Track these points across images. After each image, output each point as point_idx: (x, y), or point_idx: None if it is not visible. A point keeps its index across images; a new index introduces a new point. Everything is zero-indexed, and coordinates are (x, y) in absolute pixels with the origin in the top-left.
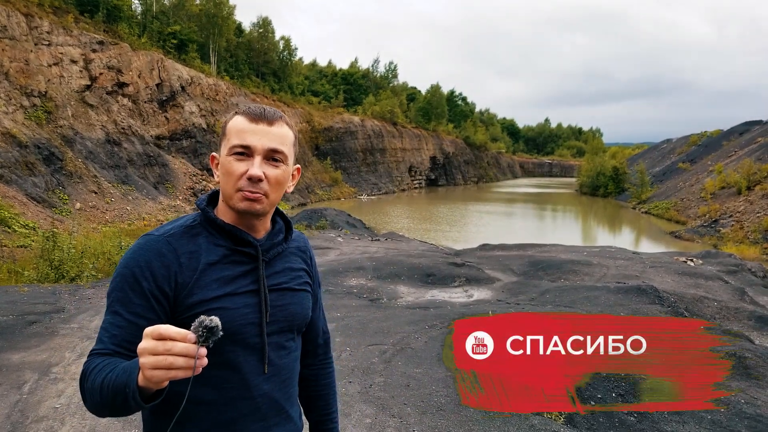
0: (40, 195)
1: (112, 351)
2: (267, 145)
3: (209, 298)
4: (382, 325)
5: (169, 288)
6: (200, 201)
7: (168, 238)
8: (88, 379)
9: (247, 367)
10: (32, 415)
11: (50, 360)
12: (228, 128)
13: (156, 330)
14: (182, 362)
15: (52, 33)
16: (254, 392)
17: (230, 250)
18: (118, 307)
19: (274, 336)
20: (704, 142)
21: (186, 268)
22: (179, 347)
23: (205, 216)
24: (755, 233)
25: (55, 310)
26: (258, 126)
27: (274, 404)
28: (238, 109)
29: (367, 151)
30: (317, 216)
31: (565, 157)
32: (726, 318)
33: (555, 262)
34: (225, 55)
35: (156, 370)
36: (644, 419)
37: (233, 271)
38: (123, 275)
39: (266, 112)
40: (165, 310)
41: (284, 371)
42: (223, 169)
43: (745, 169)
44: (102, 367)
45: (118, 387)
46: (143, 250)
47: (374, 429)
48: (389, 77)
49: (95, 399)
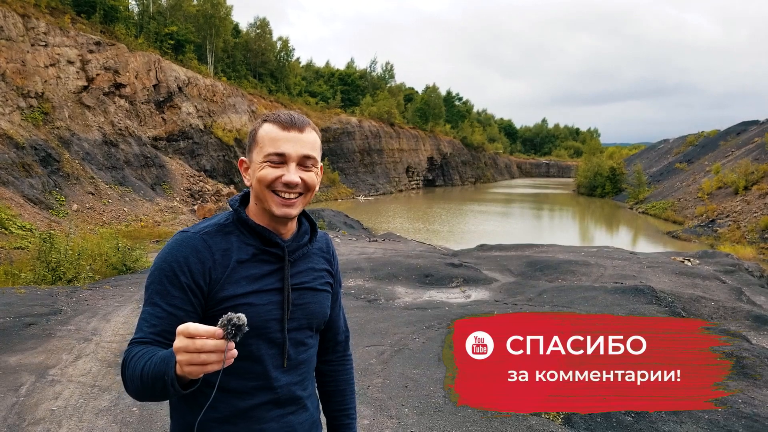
0: (36, 196)
1: (151, 340)
2: (300, 152)
3: (238, 294)
4: (379, 325)
5: (204, 282)
6: (233, 201)
7: (203, 236)
8: (129, 366)
9: (269, 360)
10: (29, 417)
11: (47, 362)
12: (259, 136)
13: (186, 329)
14: (214, 357)
15: (48, 34)
16: (274, 383)
17: (259, 250)
18: (157, 299)
19: (294, 332)
20: (701, 143)
21: (219, 265)
22: (210, 345)
23: (238, 216)
24: (752, 233)
25: (52, 312)
26: (290, 134)
27: (292, 395)
28: (267, 117)
29: (364, 152)
30: (315, 217)
31: (562, 157)
32: (723, 318)
33: (552, 263)
34: (222, 56)
35: (191, 366)
36: (642, 419)
37: (261, 269)
38: (162, 269)
39: (296, 120)
40: (200, 302)
41: (302, 366)
42: (257, 175)
43: (742, 169)
44: (141, 355)
45: (157, 375)
46: (181, 246)
47: (372, 430)
48: (386, 78)
49: (136, 385)
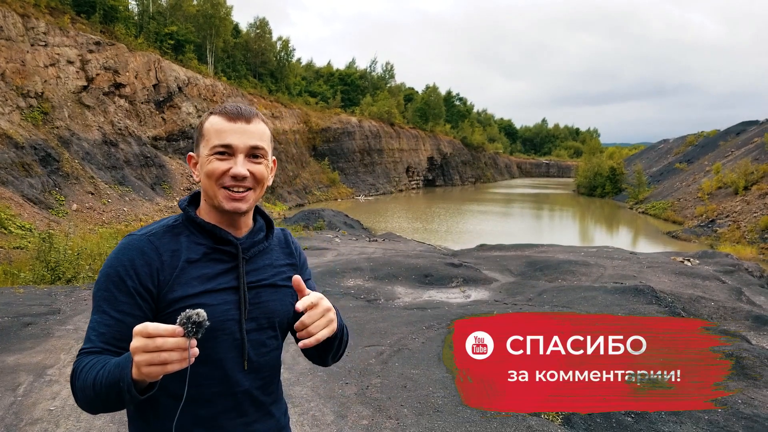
0: (36, 196)
1: (101, 349)
2: (247, 143)
3: (189, 294)
4: (379, 325)
5: (152, 285)
6: (182, 202)
7: (149, 237)
8: (80, 377)
9: (228, 364)
10: (27, 417)
11: (45, 362)
12: (205, 128)
13: (144, 329)
14: (176, 356)
15: (48, 34)
16: (234, 388)
17: (211, 249)
18: (104, 306)
19: (254, 333)
20: (701, 143)
21: (167, 266)
22: (170, 342)
23: (187, 216)
24: (752, 233)
25: (50, 312)
26: (237, 125)
27: (255, 401)
28: (213, 109)
29: (364, 152)
30: (315, 217)
31: (562, 157)
32: (723, 318)
33: (552, 263)
34: (222, 56)
35: (151, 367)
36: (642, 420)
37: (213, 268)
38: (108, 274)
39: (243, 111)
40: (150, 306)
41: (264, 369)
42: (204, 170)
43: (742, 169)
44: (93, 364)
45: (111, 382)
46: (126, 249)
47: (371, 431)
48: (386, 78)
49: (88, 395)
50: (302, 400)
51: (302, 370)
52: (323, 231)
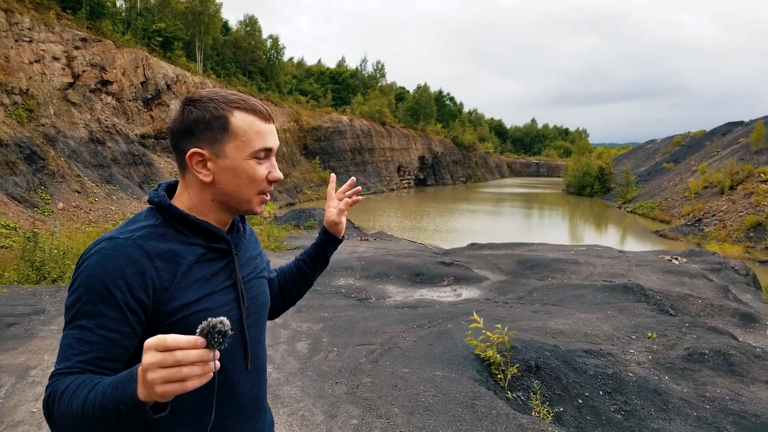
0: (21, 195)
1: (81, 369)
2: (277, 144)
3: (191, 300)
4: (370, 324)
5: (147, 296)
6: (160, 198)
7: (137, 241)
8: (60, 402)
9: (231, 366)
10: (8, 420)
11: (28, 363)
12: (238, 126)
13: (162, 341)
14: (197, 370)
15: (33, 29)
16: (238, 391)
17: (205, 248)
18: (85, 321)
19: (251, 329)
20: (687, 143)
21: (163, 272)
22: (193, 355)
23: (173, 214)
24: (738, 232)
25: (35, 312)
26: (269, 125)
27: (255, 400)
28: (233, 103)
29: (355, 151)
30: (306, 216)
31: (552, 157)
32: (710, 315)
33: (543, 261)
34: (211, 53)
35: (167, 385)
36: (631, 417)
37: (210, 269)
38: (90, 285)
39: (267, 110)
40: (139, 320)
41: (261, 365)
42: (246, 174)
43: (727, 169)
44: (78, 386)
45: (107, 405)
46: (112, 256)
47: (361, 430)
48: (377, 77)
49: (74, 422)
50: (291, 400)
51: (292, 370)
52: (314, 230)
